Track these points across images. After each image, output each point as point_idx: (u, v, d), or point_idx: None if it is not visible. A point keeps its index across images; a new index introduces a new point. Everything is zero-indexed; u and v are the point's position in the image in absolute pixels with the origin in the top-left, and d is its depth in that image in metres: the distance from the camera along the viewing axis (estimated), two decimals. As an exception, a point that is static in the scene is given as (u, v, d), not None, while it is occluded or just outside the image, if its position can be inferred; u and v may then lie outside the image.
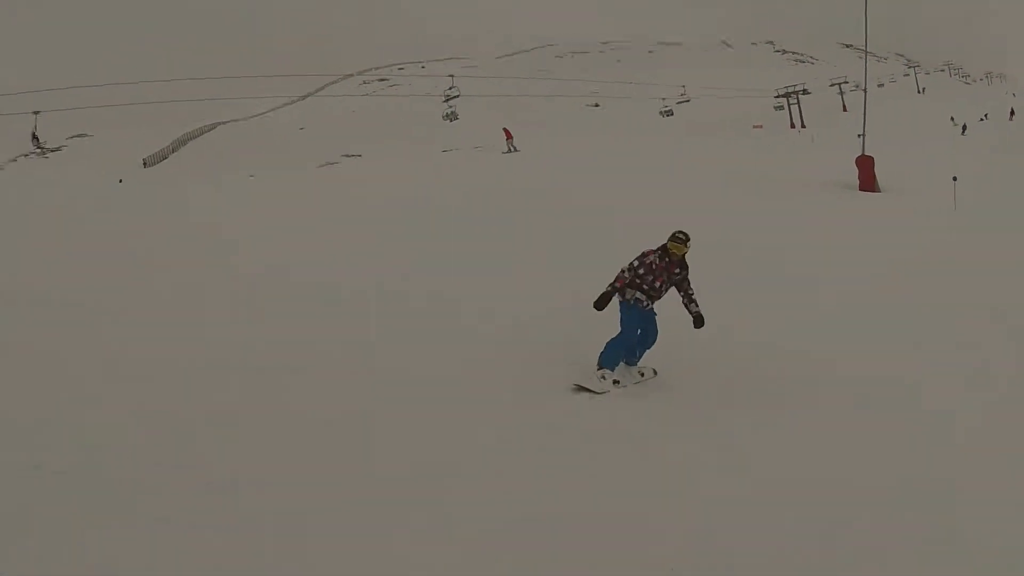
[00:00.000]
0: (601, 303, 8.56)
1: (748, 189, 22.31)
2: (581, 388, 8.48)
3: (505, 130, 46.77)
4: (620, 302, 8.62)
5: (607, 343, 8.65)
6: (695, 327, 8.73)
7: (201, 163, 64.18)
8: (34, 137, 42.30)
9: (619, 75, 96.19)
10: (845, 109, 72.51)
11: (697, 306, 8.74)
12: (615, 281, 8.57)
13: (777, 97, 70.44)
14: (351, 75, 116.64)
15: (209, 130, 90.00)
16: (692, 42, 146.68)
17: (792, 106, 68.77)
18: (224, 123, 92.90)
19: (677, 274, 8.67)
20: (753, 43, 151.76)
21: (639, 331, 8.69)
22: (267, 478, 5.88)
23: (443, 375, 8.69)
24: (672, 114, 59.17)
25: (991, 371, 9.23)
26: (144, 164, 68.45)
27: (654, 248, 8.69)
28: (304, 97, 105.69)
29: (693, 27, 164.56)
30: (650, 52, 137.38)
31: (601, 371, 8.59)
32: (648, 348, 8.86)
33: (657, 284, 8.57)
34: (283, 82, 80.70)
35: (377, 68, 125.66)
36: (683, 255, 8.65)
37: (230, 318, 10.69)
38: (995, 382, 8.94)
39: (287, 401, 7.61)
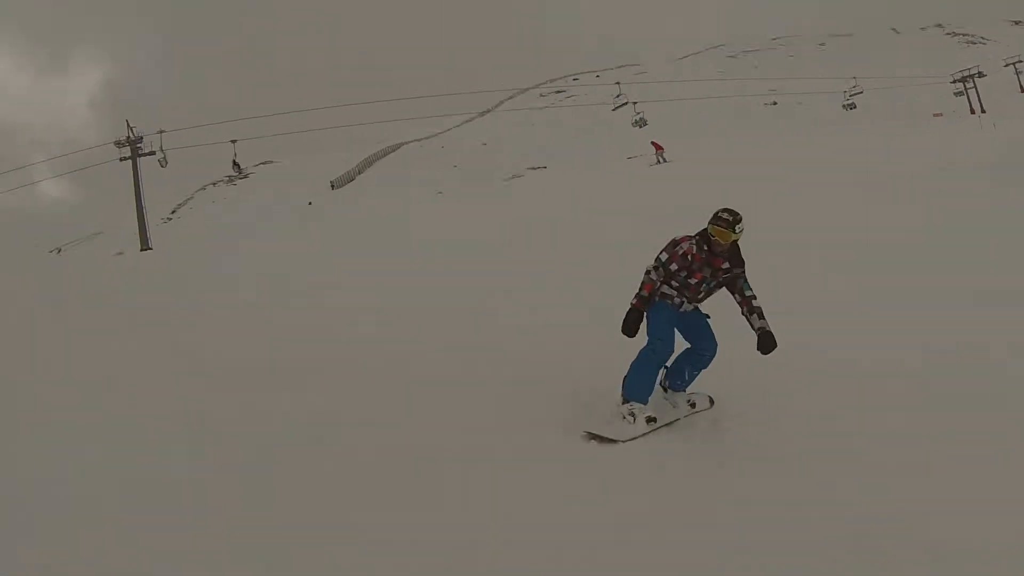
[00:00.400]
0: (629, 326, 6.32)
1: (936, 183, 22.92)
2: (596, 437, 6.17)
3: (654, 143, 47.73)
4: None
5: (632, 364, 6.33)
6: (762, 351, 6.18)
7: (387, 183, 66.97)
8: (235, 164, 45.67)
9: (793, 71, 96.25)
10: (1022, 90, 71.04)
11: (762, 317, 6.22)
12: (641, 288, 6.34)
13: (954, 82, 69.36)
14: (527, 89, 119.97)
15: (393, 150, 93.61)
16: (862, 31, 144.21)
17: (969, 90, 67.45)
18: (408, 143, 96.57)
19: (726, 271, 6.31)
20: (922, 28, 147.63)
21: (687, 343, 6.55)
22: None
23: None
24: (855, 107, 59.58)
25: None
26: (332, 186, 72.53)
27: (691, 234, 6.38)
28: (483, 113, 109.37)
29: (861, 16, 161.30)
30: (821, 45, 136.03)
31: (628, 405, 6.27)
32: (704, 367, 6.53)
33: (693, 280, 6.30)
34: (463, 99, 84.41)
35: (552, 80, 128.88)
36: (732, 243, 6.22)
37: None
38: None
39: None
